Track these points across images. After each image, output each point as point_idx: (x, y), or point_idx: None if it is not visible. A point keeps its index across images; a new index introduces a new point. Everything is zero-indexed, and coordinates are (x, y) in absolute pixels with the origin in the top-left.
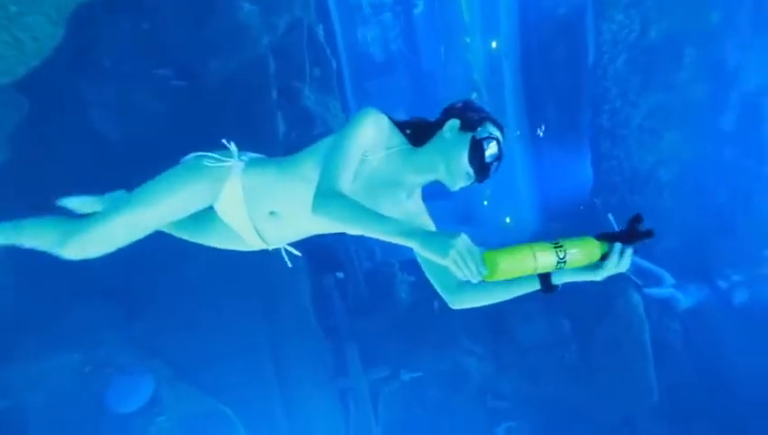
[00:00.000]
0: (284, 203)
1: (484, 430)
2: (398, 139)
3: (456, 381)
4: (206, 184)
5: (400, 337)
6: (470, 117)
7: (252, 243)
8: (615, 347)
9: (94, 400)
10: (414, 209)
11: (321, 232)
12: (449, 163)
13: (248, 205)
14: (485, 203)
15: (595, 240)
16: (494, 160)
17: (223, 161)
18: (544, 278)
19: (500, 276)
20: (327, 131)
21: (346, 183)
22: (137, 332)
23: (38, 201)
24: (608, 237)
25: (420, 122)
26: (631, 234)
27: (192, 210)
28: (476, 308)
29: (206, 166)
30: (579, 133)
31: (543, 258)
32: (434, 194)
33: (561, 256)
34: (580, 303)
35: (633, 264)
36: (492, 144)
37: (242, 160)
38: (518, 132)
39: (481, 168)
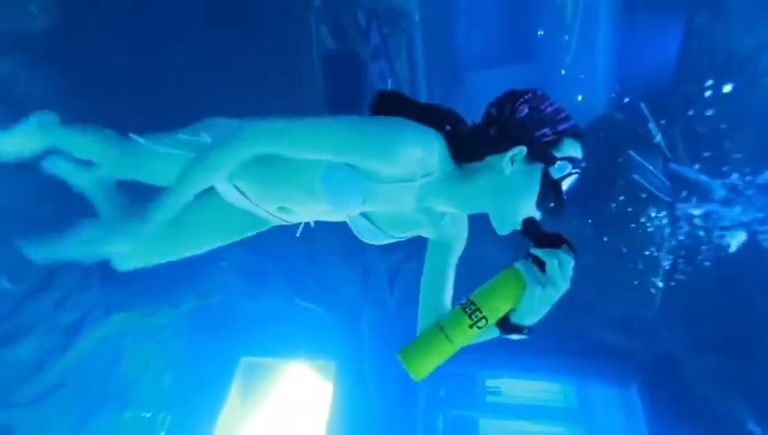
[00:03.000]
0: (292, 204)
1: None
2: (435, 162)
3: (476, 267)
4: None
5: None
6: (541, 139)
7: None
8: (629, 258)
9: None
10: (450, 233)
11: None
12: (507, 209)
13: (253, 201)
14: (563, 72)
15: (510, 270)
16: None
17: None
18: (503, 324)
19: (424, 373)
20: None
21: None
22: None
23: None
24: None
25: (464, 132)
26: (542, 240)
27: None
28: None
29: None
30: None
31: (459, 335)
32: (510, 58)
33: (476, 318)
34: (606, 211)
35: (679, 174)
36: (570, 178)
37: None
38: None
39: (554, 208)
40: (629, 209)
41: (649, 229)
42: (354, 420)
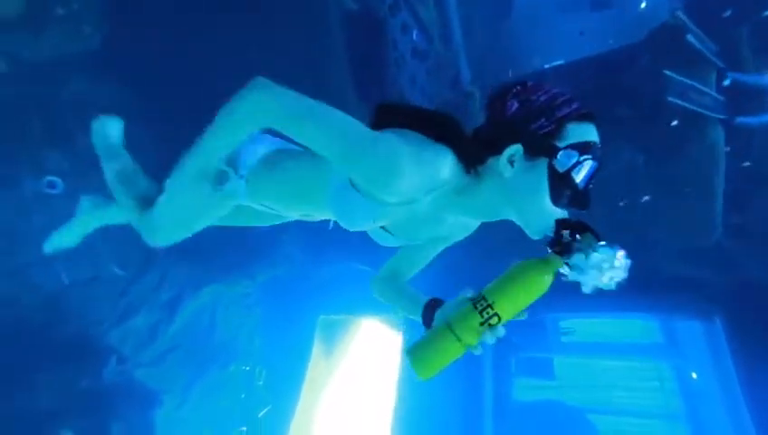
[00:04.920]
0: (313, 214)
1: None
2: (441, 180)
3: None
4: (214, 210)
5: None
6: (538, 131)
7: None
8: (683, 185)
9: None
10: (456, 232)
11: None
12: (523, 213)
13: (278, 212)
14: None
15: (528, 262)
16: (593, 178)
17: (219, 186)
18: None
19: (432, 374)
20: None
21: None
22: None
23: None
24: (558, 246)
25: (464, 139)
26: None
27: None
28: None
29: (205, 194)
30: None
31: (469, 333)
32: None
33: (487, 315)
34: (654, 138)
35: (741, 83)
36: (584, 167)
37: (241, 178)
38: None
39: (575, 202)
40: (682, 133)
41: (705, 152)
42: None
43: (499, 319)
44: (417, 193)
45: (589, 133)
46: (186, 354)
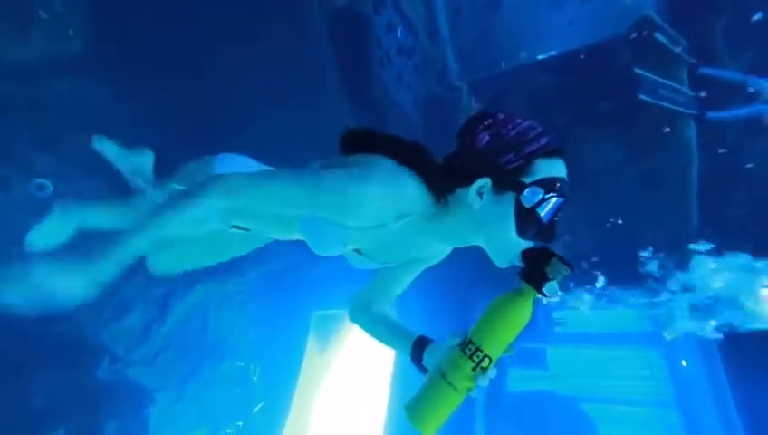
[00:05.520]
0: (285, 235)
1: None
2: (408, 205)
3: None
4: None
5: None
6: (506, 166)
7: None
8: (661, 179)
9: None
10: (433, 254)
11: None
12: (490, 243)
13: (252, 231)
14: None
15: (507, 296)
16: (559, 211)
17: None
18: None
19: (435, 428)
20: None
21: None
22: None
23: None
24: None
25: (433, 167)
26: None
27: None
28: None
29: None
30: None
31: (464, 380)
32: None
33: (478, 359)
34: (635, 133)
35: (720, 77)
36: (549, 203)
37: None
38: None
39: (540, 236)
40: (657, 129)
41: (680, 147)
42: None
43: (490, 360)
44: (384, 219)
45: (556, 169)
46: (179, 352)
